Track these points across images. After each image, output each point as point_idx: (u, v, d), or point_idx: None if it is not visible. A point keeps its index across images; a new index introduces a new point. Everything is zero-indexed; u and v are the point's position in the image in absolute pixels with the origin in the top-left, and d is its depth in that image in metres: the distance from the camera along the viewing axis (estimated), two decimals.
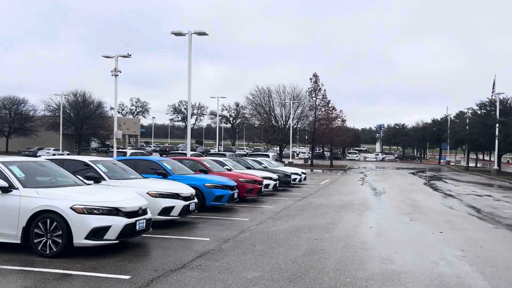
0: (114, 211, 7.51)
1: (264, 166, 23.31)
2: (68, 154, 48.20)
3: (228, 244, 8.74)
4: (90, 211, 7.25)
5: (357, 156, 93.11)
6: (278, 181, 19.74)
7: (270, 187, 18.86)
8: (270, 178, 18.99)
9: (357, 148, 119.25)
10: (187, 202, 10.61)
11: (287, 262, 7.42)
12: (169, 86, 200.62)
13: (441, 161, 76.93)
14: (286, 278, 6.53)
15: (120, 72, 28.67)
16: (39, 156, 38.27)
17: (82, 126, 66.40)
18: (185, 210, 10.53)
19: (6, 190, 7.35)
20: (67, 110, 66.01)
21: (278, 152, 54.16)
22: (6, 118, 68.11)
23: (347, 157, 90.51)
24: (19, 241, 7.26)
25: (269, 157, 30.39)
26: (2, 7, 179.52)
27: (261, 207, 14.66)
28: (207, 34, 23.47)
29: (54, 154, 50.41)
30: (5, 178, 7.45)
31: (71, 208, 7.16)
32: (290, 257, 7.78)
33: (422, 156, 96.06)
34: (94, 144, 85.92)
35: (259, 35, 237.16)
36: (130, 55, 28.94)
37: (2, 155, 8.74)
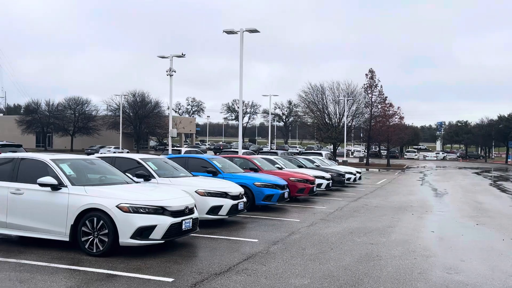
0: (160, 210, 7.34)
1: (316, 165, 22.67)
2: (128, 152, 49.90)
3: (276, 246, 8.34)
4: (136, 209, 7.13)
5: (415, 155, 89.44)
6: (331, 181, 19.08)
7: (323, 186, 18.24)
8: (323, 178, 18.38)
9: (416, 147, 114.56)
10: (236, 201, 10.33)
11: (339, 269, 6.91)
12: (224, 86, 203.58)
13: (509, 160, 72.11)
14: (338, 286, 6.03)
15: (175, 71, 29.21)
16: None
17: (141, 125, 68.78)
18: (233, 210, 10.27)
19: (56, 187, 7.39)
20: (127, 110, 68.65)
21: (332, 150, 53.00)
22: (71, 118, 71.86)
23: (405, 156, 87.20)
24: (67, 239, 7.27)
25: (322, 156, 29.64)
26: (69, 14, 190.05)
27: (312, 208, 14.14)
28: (258, 31, 23.19)
29: (114, 152, 52.36)
30: (55, 176, 7.50)
31: (117, 206, 7.08)
32: (343, 263, 7.25)
33: (487, 155, 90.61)
34: (152, 143, 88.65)
35: (312, 34, 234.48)
36: (184, 55, 29.37)
37: (60, 153, 8.91)
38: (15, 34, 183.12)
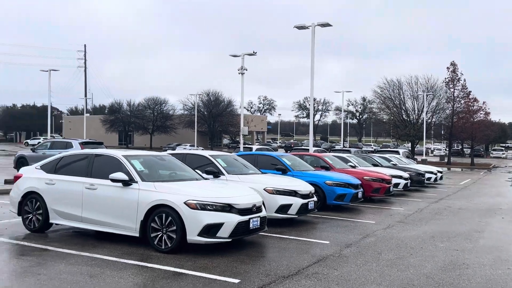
0: (227, 208, 7.16)
1: (393, 164, 21.49)
2: (202, 150, 51.23)
3: (349, 250, 7.82)
4: (203, 206, 7.00)
5: (503, 154, 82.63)
6: (409, 180, 17.94)
7: (400, 186, 17.20)
8: (400, 177, 17.32)
9: (504, 145, 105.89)
10: (306, 200, 9.92)
11: (420, 277, 6.26)
12: (295, 83, 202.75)
13: None
14: None
15: (246, 70, 29.31)
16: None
17: (214, 124, 70.45)
18: (303, 209, 9.87)
19: (127, 183, 7.48)
20: (201, 109, 70.67)
21: (410, 148, 50.43)
22: (150, 117, 75.39)
23: (491, 155, 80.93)
24: (138, 235, 7.32)
25: (399, 154, 28.14)
26: (148, 18, 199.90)
27: (389, 209, 13.31)
28: (330, 25, 22.47)
29: (190, 150, 53.98)
30: (126, 172, 7.60)
31: (184, 203, 6.99)
32: (424, 271, 6.58)
33: None
34: (225, 141, 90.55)
35: (385, 28, 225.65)
36: (255, 52, 29.39)
37: (136, 149, 9.18)
38: (100, 40, 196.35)
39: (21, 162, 21.02)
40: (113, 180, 7.48)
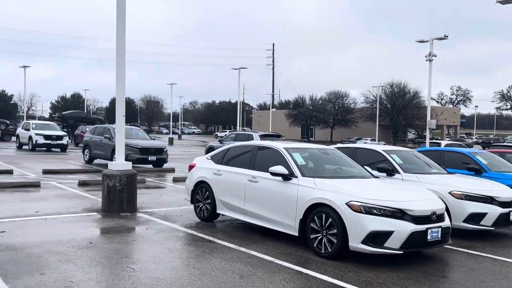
0: (398, 214, 6.01)
1: None
2: (384, 144, 48.76)
3: None
4: (368, 210, 6.00)
5: None
6: None
7: None
8: None
9: None
10: (507, 210, 7.92)
11: None
12: (496, 72, 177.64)
13: None
14: None
15: (435, 56, 26.39)
16: None
17: (398, 117, 66.52)
18: (503, 220, 7.91)
19: (286, 177, 6.96)
20: (384, 101, 67.55)
21: None
22: (331, 111, 75.60)
23: None
24: (296, 234, 6.75)
25: None
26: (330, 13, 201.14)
27: None
28: None
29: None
30: (286, 165, 7.09)
31: (346, 204, 6.11)
32: None
33: None
34: (410, 135, 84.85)
35: None
36: (446, 36, 26.30)
37: (302, 143, 8.74)
38: (287, 37, 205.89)
39: (210, 151, 23.00)
40: (273, 174, 7.05)
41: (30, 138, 27.08)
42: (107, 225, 7.96)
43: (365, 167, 8.03)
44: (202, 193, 8.62)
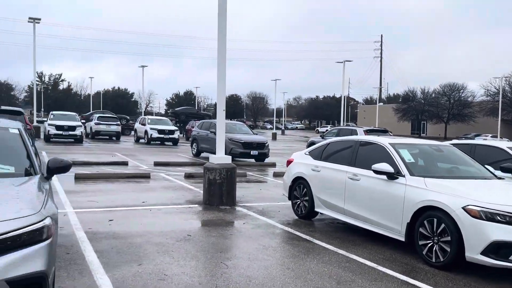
0: None
1: None
2: (508, 141, 43.85)
3: None
4: (490, 216, 5.16)
5: None
6: None
7: None
8: None
9: None
10: None
11: None
12: None
13: None
14: None
15: None
16: None
17: None
18: None
19: (392, 176, 6.33)
20: (508, 94, 60.83)
21: None
22: (445, 105, 70.17)
23: None
24: (402, 239, 6.10)
25: None
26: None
27: None
28: None
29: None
30: (392, 163, 6.45)
31: (463, 208, 5.32)
32: None
33: None
34: None
35: None
36: None
37: (413, 138, 7.92)
38: (396, 28, 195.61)
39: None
40: (376, 172, 6.46)
41: (145, 132, 29.22)
42: (206, 218, 8.05)
43: (486, 166, 7.03)
44: (299, 189, 8.30)
